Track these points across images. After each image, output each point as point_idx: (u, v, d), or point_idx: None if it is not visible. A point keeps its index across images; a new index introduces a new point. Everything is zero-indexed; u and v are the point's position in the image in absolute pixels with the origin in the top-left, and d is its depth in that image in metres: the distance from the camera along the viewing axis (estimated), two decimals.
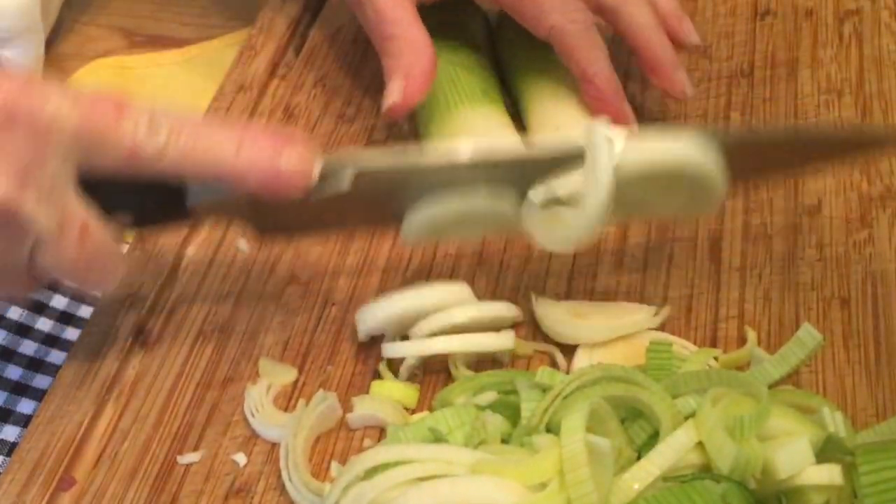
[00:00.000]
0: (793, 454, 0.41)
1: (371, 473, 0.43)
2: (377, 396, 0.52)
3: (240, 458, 0.51)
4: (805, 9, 0.67)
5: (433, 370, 0.53)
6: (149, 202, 0.50)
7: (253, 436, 0.52)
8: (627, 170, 0.47)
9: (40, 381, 0.63)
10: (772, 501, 0.42)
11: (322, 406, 0.51)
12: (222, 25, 0.78)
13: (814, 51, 0.64)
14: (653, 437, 0.44)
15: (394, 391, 0.52)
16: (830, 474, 0.41)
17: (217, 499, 0.50)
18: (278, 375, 0.54)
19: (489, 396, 0.49)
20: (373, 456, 0.44)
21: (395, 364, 0.53)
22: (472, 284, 0.54)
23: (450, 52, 0.62)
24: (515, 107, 0.63)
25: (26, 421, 0.61)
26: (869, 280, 0.52)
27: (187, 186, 0.50)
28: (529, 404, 0.46)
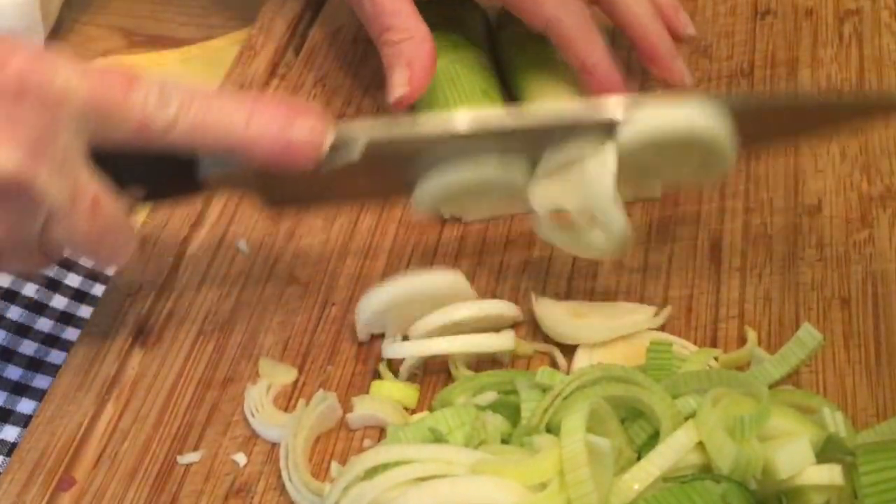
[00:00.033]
0: (793, 454, 0.41)
1: (371, 473, 0.43)
2: (377, 396, 0.52)
3: (240, 458, 0.51)
4: (805, 8, 0.67)
5: (433, 370, 0.53)
6: (160, 176, 0.50)
7: (253, 436, 0.52)
8: (637, 138, 0.47)
9: (40, 381, 0.63)
10: (772, 502, 0.42)
11: (322, 406, 0.51)
12: (222, 25, 0.78)
13: (814, 50, 0.64)
14: (653, 438, 0.44)
15: (394, 391, 0.52)
16: (831, 474, 0.41)
17: (217, 499, 0.50)
18: (278, 375, 0.54)
19: (489, 396, 0.49)
20: (373, 456, 0.44)
21: (395, 364, 0.53)
22: (472, 284, 0.54)
23: (450, 52, 0.62)
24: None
25: (26, 421, 0.61)
26: (869, 280, 0.52)
27: (199, 159, 0.50)
28: (529, 404, 0.46)
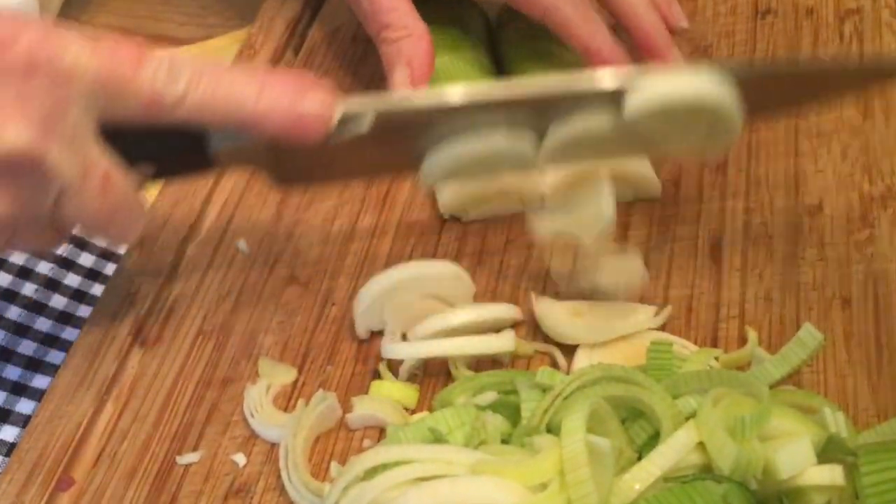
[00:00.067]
0: (794, 454, 0.41)
1: (371, 474, 0.43)
2: (377, 396, 0.52)
3: (239, 459, 0.51)
4: (805, 8, 0.67)
5: (433, 370, 0.53)
6: (170, 152, 0.50)
7: (252, 436, 0.52)
8: (644, 105, 0.48)
9: (39, 381, 0.63)
10: (773, 502, 0.42)
11: (322, 406, 0.51)
12: (222, 25, 0.78)
13: (814, 50, 0.64)
14: (653, 438, 0.44)
15: (393, 391, 0.52)
16: (832, 475, 0.41)
17: (216, 499, 0.50)
18: (278, 375, 0.54)
19: (489, 396, 0.48)
20: (372, 456, 0.44)
21: (395, 364, 0.52)
22: (473, 284, 0.54)
23: (449, 50, 0.62)
24: None
25: (25, 421, 0.61)
26: (870, 280, 0.52)
27: (208, 135, 0.50)
28: (529, 404, 0.46)
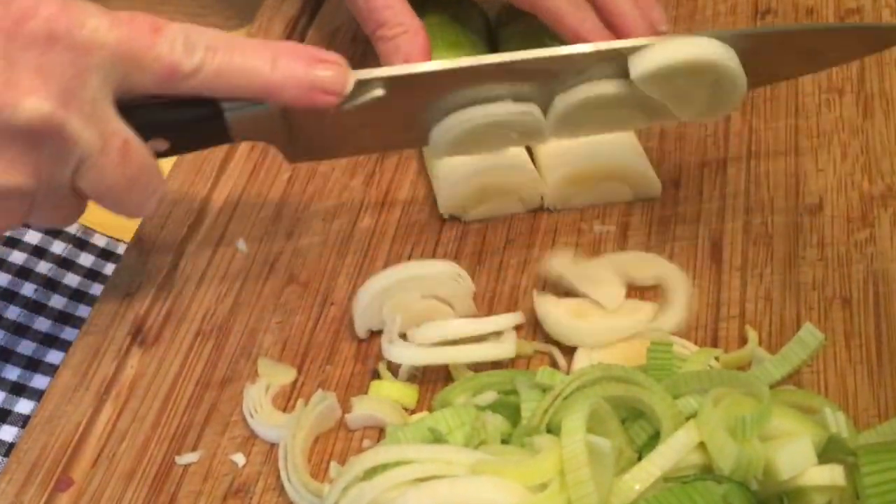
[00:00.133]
0: (795, 455, 0.41)
1: (370, 474, 0.43)
2: (376, 396, 0.52)
3: (238, 459, 0.51)
4: (805, 7, 0.67)
5: (433, 370, 0.52)
6: (185, 127, 0.51)
7: (252, 436, 0.52)
8: (649, 68, 0.49)
9: (38, 381, 0.63)
10: (774, 502, 0.42)
11: (321, 406, 0.51)
12: (221, 25, 0.78)
13: None
14: (654, 438, 0.44)
15: (393, 391, 0.51)
16: (832, 475, 0.41)
17: (215, 499, 0.50)
18: (277, 375, 0.54)
19: (489, 396, 0.48)
20: (372, 456, 0.43)
21: (395, 364, 0.52)
22: (472, 284, 0.54)
23: (449, 49, 0.62)
24: None
25: (24, 421, 0.61)
26: (871, 279, 0.52)
27: (223, 108, 0.50)
28: (529, 404, 0.46)
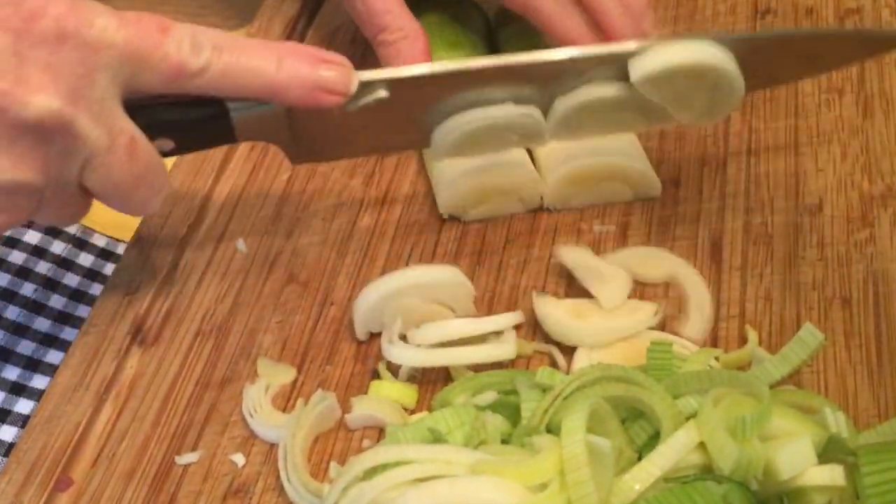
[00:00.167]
0: (795, 455, 0.41)
1: (370, 474, 0.43)
2: (376, 396, 0.52)
3: (238, 459, 0.51)
4: (805, 7, 0.67)
5: (432, 370, 0.52)
6: (190, 127, 0.51)
7: (251, 436, 0.52)
8: (648, 70, 0.49)
9: (38, 381, 0.63)
10: (774, 502, 0.42)
11: (321, 406, 0.51)
12: (220, 25, 0.78)
13: None
14: (654, 438, 0.44)
15: (393, 391, 0.51)
16: (833, 475, 0.41)
17: (215, 499, 0.50)
18: (277, 375, 0.54)
19: (489, 396, 0.48)
20: (372, 456, 0.43)
21: (394, 364, 0.52)
22: (472, 284, 0.54)
23: (449, 50, 0.62)
24: None
25: (24, 421, 0.60)
26: (870, 279, 0.52)
27: (228, 108, 0.51)
28: (529, 404, 0.45)
